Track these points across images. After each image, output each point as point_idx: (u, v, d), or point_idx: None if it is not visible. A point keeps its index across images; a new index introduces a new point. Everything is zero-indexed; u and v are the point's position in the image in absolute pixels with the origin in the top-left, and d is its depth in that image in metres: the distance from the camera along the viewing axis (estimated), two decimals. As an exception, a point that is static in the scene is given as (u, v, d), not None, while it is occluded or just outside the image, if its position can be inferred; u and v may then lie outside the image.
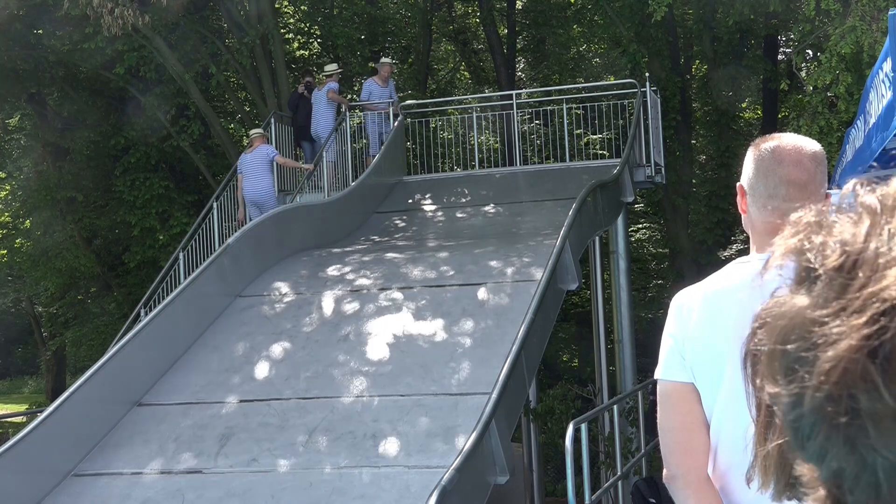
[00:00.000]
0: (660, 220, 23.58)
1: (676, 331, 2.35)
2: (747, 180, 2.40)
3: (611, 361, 15.11)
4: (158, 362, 9.77)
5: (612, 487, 10.72)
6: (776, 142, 2.39)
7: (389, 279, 11.00)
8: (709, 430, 2.30)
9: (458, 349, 9.42)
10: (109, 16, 15.43)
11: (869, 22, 12.29)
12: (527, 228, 12.83)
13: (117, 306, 20.21)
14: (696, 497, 2.30)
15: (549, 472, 17.15)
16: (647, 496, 9.08)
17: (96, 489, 8.38)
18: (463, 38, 25.42)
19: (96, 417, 9.00)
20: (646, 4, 15.88)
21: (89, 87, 19.79)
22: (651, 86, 15.53)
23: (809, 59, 18.55)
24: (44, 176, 20.55)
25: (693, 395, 2.31)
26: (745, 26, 18.58)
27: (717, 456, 2.29)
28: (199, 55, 18.05)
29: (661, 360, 2.37)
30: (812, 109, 13.99)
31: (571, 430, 8.32)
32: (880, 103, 6.38)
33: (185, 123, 18.73)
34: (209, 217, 14.92)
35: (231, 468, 8.30)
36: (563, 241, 10.47)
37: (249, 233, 11.54)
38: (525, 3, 24.63)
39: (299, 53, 22.99)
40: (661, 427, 2.39)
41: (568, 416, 11.93)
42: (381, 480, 7.83)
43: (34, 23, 18.13)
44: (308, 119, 15.96)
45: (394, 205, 14.61)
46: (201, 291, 10.55)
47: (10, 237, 22.96)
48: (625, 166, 14.01)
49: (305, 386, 9.24)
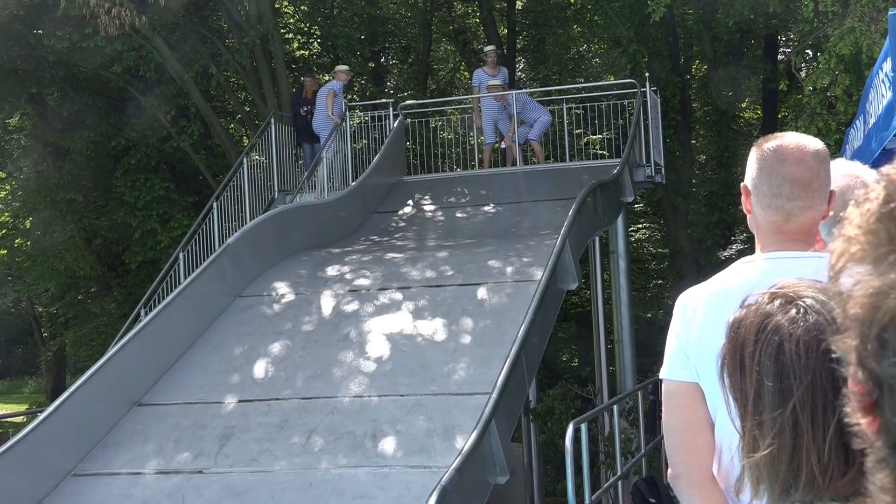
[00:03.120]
0: (660, 220, 23.58)
1: (681, 331, 2.36)
2: (751, 180, 2.40)
3: (611, 361, 15.11)
4: (158, 362, 9.77)
5: (611, 487, 10.72)
6: (779, 141, 2.39)
7: (389, 279, 11.00)
8: (713, 430, 2.31)
9: (458, 349, 9.43)
10: (106, 16, 15.42)
11: (868, 23, 12.29)
12: (527, 228, 12.83)
13: (117, 306, 20.21)
14: (701, 496, 2.30)
15: (549, 472, 17.15)
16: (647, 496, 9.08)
17: (96, 489, 8.38)
18: (463, 38, 25.41)
19: (96, 417, 9.00)
20: (645, 4, 15.89)
21: (89, 87, 19.79)
22: (651, 86, 15.53)
23: (809, 59, 18.57)
24: (44, 176, 20.54)
25: (697, 394, 2.32)
26: (744, 26, 18.58)
27: (721, 455, 2.29)
28: (199, 55, 18.04)
29: (666, 360, 2.38)
30: (811, 110, 14.00)
31: (571, 430, 8.32)
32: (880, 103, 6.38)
33: (185, 124, 18.73)
34: (209, 217, 14.92)
35: (231, 468, 8.30)
36: (563, 241, 10.47)
37: (249, 233, 11.54)
38: (525, 3, 24.64)
39: (299, 53, 22.99)
40: (666, 426, 2.40)
41: (568, 416, 11.93)
42: (380, 480, 7.83)
43: (34, 23, 18.13)
44: (306, 121, 15.94)
45: (394, 205, 14.61)
46: (201, 291, 10.55)
47: (9, 237, 22.95)
48: (625, 166, 14.01)
49: (305, 386, 9.25)
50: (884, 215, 0.76)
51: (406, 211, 14.45)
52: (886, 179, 0.79)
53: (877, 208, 0.77)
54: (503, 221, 13.54)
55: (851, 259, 0.78)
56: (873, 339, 0.74)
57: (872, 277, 0.75)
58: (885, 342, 0.73)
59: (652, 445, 11.52)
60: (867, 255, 0.76)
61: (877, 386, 0.75)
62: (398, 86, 25.46)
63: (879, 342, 0.73)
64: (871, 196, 0.79)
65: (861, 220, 0.78)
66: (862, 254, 0.77)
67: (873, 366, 0.74)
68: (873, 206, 0.78)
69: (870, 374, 0.75)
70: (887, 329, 0.73)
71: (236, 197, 15.26)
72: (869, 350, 0.75)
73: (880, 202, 0.77)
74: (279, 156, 15.81)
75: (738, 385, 1.16)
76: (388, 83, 25.39)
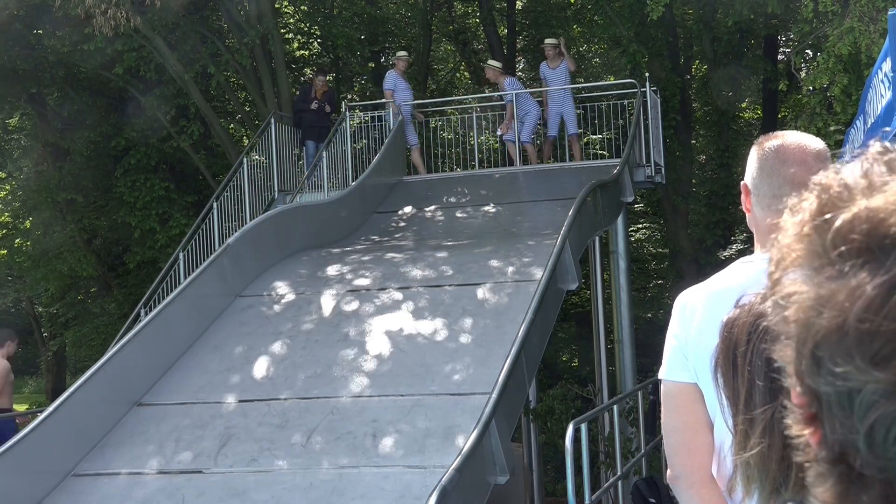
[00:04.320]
0: (660, 220, 23.58)
1: (680, 331, 2.35)
2: (751, 179, 2.40)
3: (611, 361, 15.11)
4: (158, 362, 9.77)
5: (611, 487, 10.72)
6: (780, 140, 2.38)
7: (389, 279, 11.00)
8: (712, 430, 2.30)
9: (458, 349, 9.43)
10: (102, 16, 15.42)
11: (867, 22, 12.29)
12: (527, 228, 12.84)
13: (117, 306, 20.21)
14: (700, 497, 2.30)
15: (549, 472, 17.14)
16: (647, 496, 9.07)
17: (96, 489, 8.38)
18: (463, 38, 25.42)
19: (96, 417, 8.99)
20: (645, 4, 15.89)
21: (89, 87, 19.79)
22: (651, 86, 15.53)
23: (808, 59, 18.56)
24: (44, 176, 20.55)
25: (696, 395, 2.31)
26: (744, 26, 18.58)
27: (720, 456, 2.29)
28: (199, 55, 18.04)
29: (665, 361, 2.37)
30: (810, 110, 14.00)
31: (571, 430, 8.32)
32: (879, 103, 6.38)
33: (185, 124, 18.73)
34: (209, 217, 14.92)
35: (231, 468, 8.30)
36: (563, 240, 10.47)
37: (249, 233, 11.54)
38: (525, 3, 24.63)
39: (299, 53, 23.00)
40: (665, 427, 2.39)
41: (568, 416, 11.93)
42: (380, 480, 7.83)
43: (34, 23, 18.13)
44: (316, 118, 15.89)
45: (394, 205, 14.61)
46: (201, 291, 10.55)
47: (9, 237, 22.95)
48: (625, 166, 14.01)
49: (305, 386, 9.25)
50: (816, 226, 0.75)
51: (406, 211, 14.45)
52: (820, 188, 0.77)
53: (809, 218, 0.76)
54: (503, 221, 13.53)
55: (787, 269, 0.76)
56: (808, 357, 0.72)
57: (806, 290, 0.73)
58: (819, 359, 0.72)
59: (652, 445, 11.52)
60: (802, 266, 0.75)
61: (815, 399, 0.74)
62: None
63: (814, 359, 0.72)
64: (805, 205, 0.77)
65: (795, 230, 0.77)
66: (797, 265, 0.75)
67: (809, 381, 0.73)
68: (806, 216, 0.76)
69: (807, 388, 0.74)
70: (820, 347, 0.71)
71: (236, 197, 15.26)
72: (804, 367, 0.73)
73: (813, 212, 0.76)
74: (279, 156, 15.81)
75: (730, 385, 1.16)
76: (388, 83, 25.37)
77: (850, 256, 0.71)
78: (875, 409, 0.69)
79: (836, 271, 0.72)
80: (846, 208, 0.73)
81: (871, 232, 0.71)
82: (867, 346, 0.69)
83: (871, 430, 0.69)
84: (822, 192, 0.76)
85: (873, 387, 0.69)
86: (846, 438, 0.71)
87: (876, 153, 0.77)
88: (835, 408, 0.71)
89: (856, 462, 0.71)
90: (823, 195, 0.76)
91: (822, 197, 0.76)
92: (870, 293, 0.69)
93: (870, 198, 0.73)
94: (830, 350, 0.70)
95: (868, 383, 0.69)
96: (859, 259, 0.71)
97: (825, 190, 0.76)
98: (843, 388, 0.70)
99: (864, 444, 0.70)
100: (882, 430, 0.69)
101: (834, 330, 0.70)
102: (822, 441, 0.74)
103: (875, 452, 0.70)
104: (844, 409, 0.70)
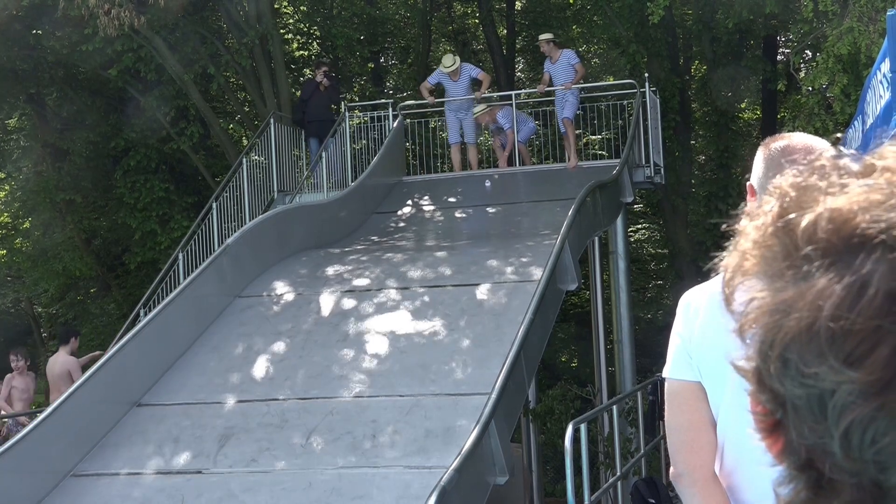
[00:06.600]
0: (659, 220, 23.58)
1: (683, 330, 2.37)
2: (757, 180, 2.40)
3: (610, 362, 15.11)
4: (158, 362, 9.77)
5: (611, 488, 10.72)
6: (786, 141, 2.39)
7: (389, 279, 11.00)
8: (716, 429, 2.32)
9: (458, 349, 9.43)
10: (106, 16, 15.42)
11: (866, 23, 12.30)
12: (526, 228, 12.84)
13: (117, 307, 20.21)
14: (703, 495, 2.31)
15: (548, 473, 17.15)
16: (647, 496, 9.08)
17: (96, 489, 8.38)
18: (462, 39, 25.42)
19: (96, 417, 8.99)
20: (645, 5, 15.89)
21: (89, 88, 19.79)
22: (650, 86, 15.53)
23: (808, 59, 18.56)
24: (43, 177, 20.55)
25: (700, 393, 2.33)
26: (744, 26, 18.58)
27: (723, 454, 2.30)
28: (199, 56, 18.05)
29: (669, 359, 2.39)
30: (808, 111, 13.99)
31: (571, 431, 8.32)
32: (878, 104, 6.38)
33: (184, 125, 18.73)
34: (209, 218, 14.92)
35: (230, 468, 8.30)
36: (563, 241, 10.47)
37: (249, 233, 11.54)
38: (524, 4, 24.64)
39: (299, 54, 23.00)
40: (669, 425, 2.41)
41: (567, 417, 11.93)
42: (380, 480, 7.83)
43: (33, 23, 18.13)
44: (320, 114, 15.80)
45: (393, 205, 14.61)
46: (201, 292, 10.55)
47: (9, 238, 22.96)
48: (624, 167, 14.01)
49: (305, 386, 9.25)
50: (779, 229, 0.73)
51: (406, 211, 14.46)
52: (780, 191, 0.76)
53: (771, 221, 0.75)
54: (503, 221, 13.54)
55: (746, 274, 0.75)
56: (776, 360, 0.71)
57: (769, 294, 0.72)
58: (787, 361, 0.70)
59: (651, 446, 11.53)
60: (762, 270, 0.74)
61: (780, 405, 0.72)
62: (398, 86, 25.45)
63: (782, 362, 0.71)
64: (766, 209, 0.76)
65: (756, 234, 0.75)
66: (757, 269, 0.74)
67: (776, 386, 0.72)
68: (768, 220, 0.75)
69: (772, 394, 0.72)
70: (789, 349, 0.70)
71: (236, 197, 15.26)
72: (772, 371, 0.72)
73: (775, 215, 0.74)
74: (278, 156, 15.81)
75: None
76: (387, 83, 25.39)
77: (816, 257, 0.70)
78: (850, 410, 0.67)
79: (802, 272, 0.71)
80: (809, 210, 0.72)
81: (836, 232, 0.70)
82: (840, 345, 0.67)
83: (846, 433, 0.68)
84: (783, 196, 0.75)
85: (848, 387, 0.67)
86: (816, 443, 0.70)
87: (831, 156, 0.77)
88: (804, 412, 0.70)
89: (825, 467, 0.70)
90: (785, 198, 0.75)
91: (784, 200, 0.75)
92: (840, 292, 0.68)
93: (833, 199, 0.72)
94: (800, 351, 0.69)
95: (842, 384, 0.67)
96: (826, 259, 0.70)
97: (786, 193, 0.75)
98: (814, 390, 0.69)
99: (839, 447, 0.68)
100: (858, 433, 0.67)
101: (804, 330, 0.69)
102: (788, 448, 0.73)
103: (850, 456, 0.68)
104: (815, 412, 0.69)
